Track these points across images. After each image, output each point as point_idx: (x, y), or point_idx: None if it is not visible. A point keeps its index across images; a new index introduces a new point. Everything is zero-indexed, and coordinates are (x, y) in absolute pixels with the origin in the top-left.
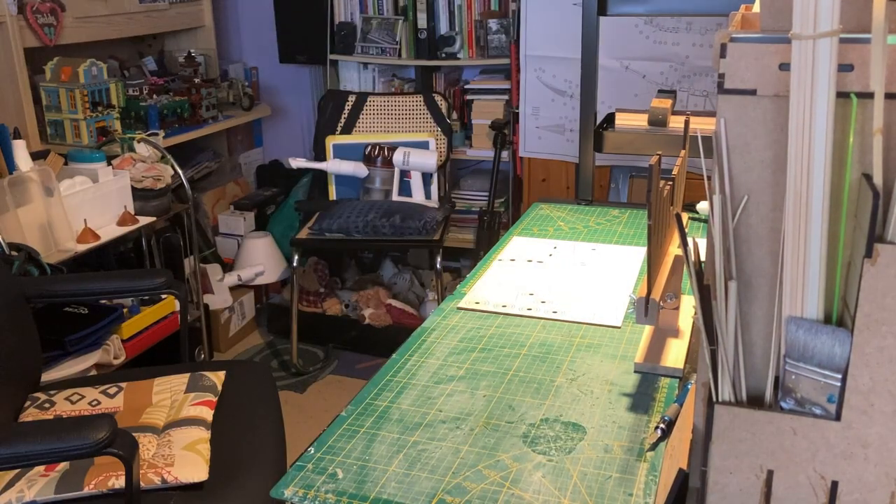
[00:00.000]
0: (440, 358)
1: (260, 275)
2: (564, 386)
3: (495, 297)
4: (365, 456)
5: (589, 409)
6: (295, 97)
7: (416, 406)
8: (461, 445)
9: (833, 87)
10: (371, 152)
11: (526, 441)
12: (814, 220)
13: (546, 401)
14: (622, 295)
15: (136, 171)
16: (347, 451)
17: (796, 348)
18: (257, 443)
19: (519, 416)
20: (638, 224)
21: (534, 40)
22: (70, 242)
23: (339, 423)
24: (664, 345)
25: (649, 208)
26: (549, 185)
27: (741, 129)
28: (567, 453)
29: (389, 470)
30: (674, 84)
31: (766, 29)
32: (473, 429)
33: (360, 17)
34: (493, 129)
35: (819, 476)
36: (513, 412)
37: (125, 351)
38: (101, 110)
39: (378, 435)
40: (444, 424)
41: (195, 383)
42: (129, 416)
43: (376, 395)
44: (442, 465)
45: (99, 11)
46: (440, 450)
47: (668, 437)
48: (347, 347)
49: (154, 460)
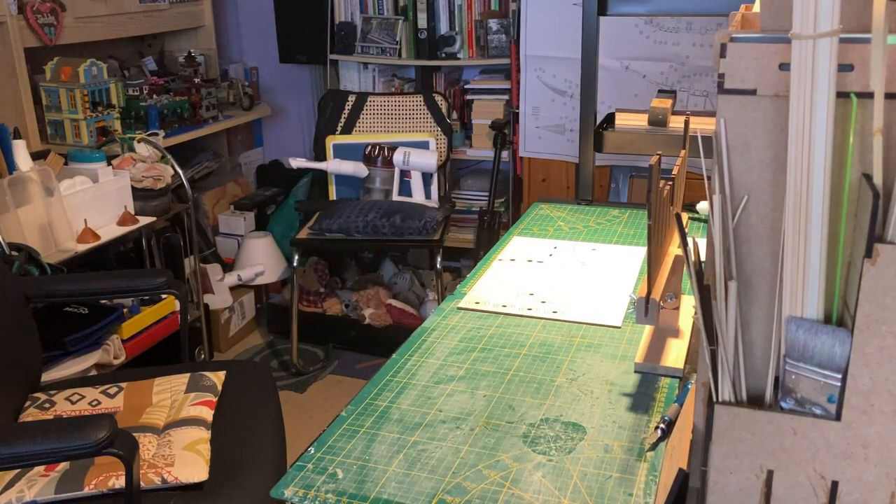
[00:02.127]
0: (440, 358)
1: (260, 275)
2: (564, 386)
3: (495, 297)
4: (365, 456)
5: (589, 409)
6: (295, 97)
7: (416, 406)
8: (461, 445)
9: (833, 87)
10: (371, 152)
11: (526, 441)
12: (814, 220)
13: (546, 401)
14: (622, 295)
15: (136, 171)
16: (347, 451)
17: (796, 348)
18: (257, 443)
19: (519, 416)
20: (638, 224)
21: (534, 40)
22: (70, 242)
23: (339, 423)
24: (664, 345)
25: (649, 208)
26: (549, 185)
27: (741, 129)
28: (567, 453)
29: (389, 470)
30: (674, 84)
31: (766, 29)
32: (473, 429)
33: (360, 17)
34: (493, 129)
35: (819, 476)
36: (513, 412)
37: (125, 351)
38: (101, 110)
39: (378, 435)
40: (445, 424)
41: (195, 383)
42: (129, 417)
43: (376, 395)
44: (442, 465)
45: (99, 11)
46: (440, 450)
47: (668, 437)
48: (347, 347)
49: (154, 460)
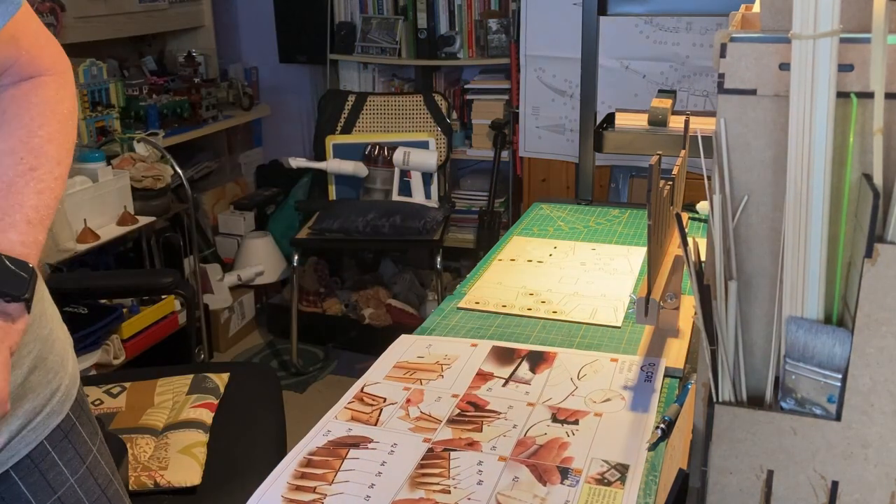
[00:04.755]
0: None
1: (260, 275)
2: None
3: (495, 297)
4: None
5: None
6: (295, 97)
7: None
8: None
9: (833, 87)
10: (371, 152)
11: None
12: (814, 220)
13: None
14: (622, 295)
15: (135, 170)
16: None
17: (796, 348)
18: (256, 447)
19: None
20: (638, 224)
21: (534, 40)
22: (70, 242)
23: None
24: (664, 345)
25: (649, 208)
26: (549, 185)
27: (741, 129)
28: None
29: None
30: (674, 84)
31: (766, 29)
32: None
33: (360, 16)
34: (493, 129)
35: (819, 476)
36: None
37: (125, 351)
38: (101, 110)
39: None
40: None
41: (197, 385)
42: (130, 417)
43: None
44: None
45: (99, 11)
46: None
47: (668, 437)
48: (347, 347)
49: (149, 463)
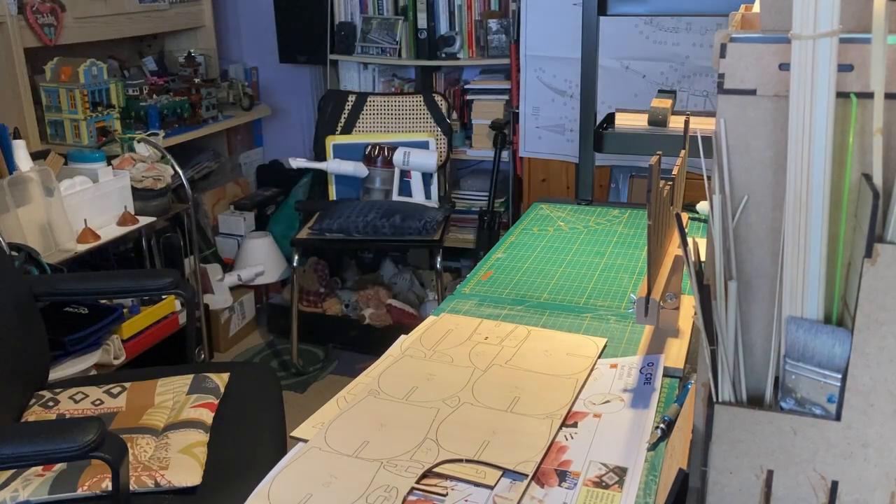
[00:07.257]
0: None
1: (260, 275)
2: None
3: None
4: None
5: None
6: (295, 97)
7: None
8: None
9: (833, 87)
10: (371, 152)
11: None
12: (814, 220)
13: None
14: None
15: (136, 171)
16: None
17: (796, 348)
18: (256, 447)
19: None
20: (638, 224)
21: (534, 40)
22: (70, 242)
23: None
24: (664, 345)
25: (649, 208)
26: (549, 185)
27: (741, 129)
28: None
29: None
30: (674, 84)
31: (766, 29)
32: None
33: (360, 17)
34: (493, 129)
35: (819, 476)
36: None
37: (125, 351)
38: (101, 110)
39: None
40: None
41: (198, 385)
42: (130, 417)
43: None
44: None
45: (99, 11)
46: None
47: (668, 437)
48: (347, 347)
49: (149, 463)
